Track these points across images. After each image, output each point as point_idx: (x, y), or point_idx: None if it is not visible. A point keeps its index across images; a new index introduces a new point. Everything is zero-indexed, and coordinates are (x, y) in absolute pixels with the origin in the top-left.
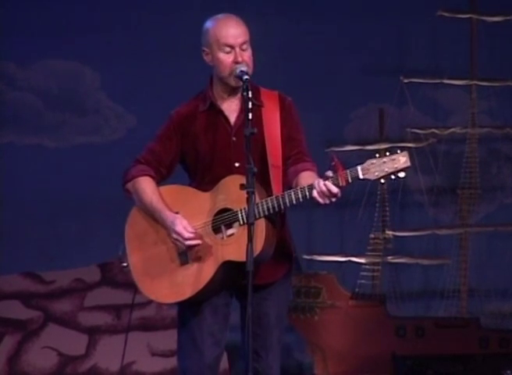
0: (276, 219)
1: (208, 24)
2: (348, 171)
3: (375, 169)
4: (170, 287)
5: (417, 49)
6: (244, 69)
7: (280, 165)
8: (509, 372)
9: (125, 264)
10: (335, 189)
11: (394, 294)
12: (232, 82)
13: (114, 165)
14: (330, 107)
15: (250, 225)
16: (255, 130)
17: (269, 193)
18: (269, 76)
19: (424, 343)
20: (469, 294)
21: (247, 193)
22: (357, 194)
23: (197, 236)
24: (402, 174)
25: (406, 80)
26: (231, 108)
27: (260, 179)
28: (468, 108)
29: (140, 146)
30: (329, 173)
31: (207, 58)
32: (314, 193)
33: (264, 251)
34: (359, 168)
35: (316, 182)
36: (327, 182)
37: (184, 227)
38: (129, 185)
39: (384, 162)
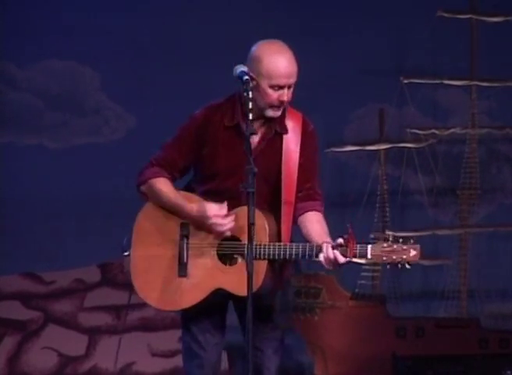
0: (277, 265)
1: (261, 54)
2: (358, 247)
3: (384, 253)
4: (161, 293)
5: (417, 49)
6: (245, 69)
7: (293, 201)
8: (509, 372)
9: (126, 253)
10: (342, 260)
11: (394, 295)
12: (268, 113)
13: (114, 165)
14: (330, 107)
15: (250, 225)
16: (255, 130)
17: (279, 229)
18: None
19: (425, 343)
20: (469, 294)
21: (247, 193)
22: (357, 194)
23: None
24: (408, 266)
25: (406, 81)
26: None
27: (271, 213)
28: (468, 108)
29: (140, 146)
30: (340, 241)
31: (250, 83)
32: (321, 257)
33: (259, 292)
34: (369, 249)
35: (325, 247)
36: (336, 251)
37: (215, 212)
38: (143, 187)
39: (394, 250)
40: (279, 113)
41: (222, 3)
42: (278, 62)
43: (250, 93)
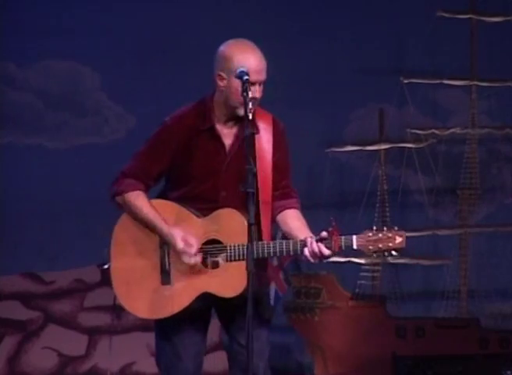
0: (260, 262)
1: (231, 52)
2: (343, 239)
3: (369, 243)
4: (146, 303)
5: (417, 49)
6: (245, 69)
7: (270, 201)
8: (509, 372)
9: (106, 266)
10: (327, 252)
11: (394, 295)
12: (241, 112)
13: (114, 165)
14: (330, 107)
15: (250, 225)
16: (256, 131)
17: (259, 229)
18: (269, 76)
19: (425, 343)
20: (469, 294)
21: (247, 193)
22: (357, 194)
23: (197, 250)
24: (395, 253)
25: (406, 81)
26: (228, 134)
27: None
28: (468, 108)
29: (140, 146)
30: (324, 235)
31: (221, 83)
32: (306, 251)
33: (244, 293)
34: (354, 238)
35: (309, 241)
36: (320, 244)
37: (185, 243)
38: (118, 199)
39: (380, 238)
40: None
41: (223, 3)
42: (248, 59)
43: (217, 94)
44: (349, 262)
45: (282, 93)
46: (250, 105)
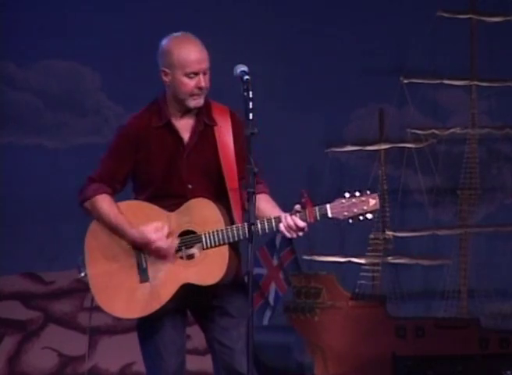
0: (238, 246)
1: (170, 46)
2: (317, 208)
3: (344, 209)
4: (127, 303)
5: (417, 49)
6: (245, 69)
7: (237, 187)
8: (509, 372)
9: (83, 274)
10: (302, 223)
11: (394, 295)
12: (191, 103)
13: None
14: (330, 107)
15: (250, 225)
16: (256, 131)
17: (230, 216)
18: (269, 76)
19: (425, 343)
20: (469, 294)
21: (248, 193)
22: None
23: (170, 234)
24: (370, 216)
25: (406, 81)
26: (184, 128)
27: (220, 202)
28: (468, 108)
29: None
30: (298, 208)
31: (166, 79)
32: (281, 227)
33: (224, 279)
34: (328, 207)
35: (283, 216)
36: (294, 216)
37: (156, 230)
38: (86, 204)
39: (354, 203)
40: (201, 102)
41: (223, 3)
42: (187, 49)
43: (167, 91)
44: (349, 262)
45: (283, 93)
46: (200, 96)
